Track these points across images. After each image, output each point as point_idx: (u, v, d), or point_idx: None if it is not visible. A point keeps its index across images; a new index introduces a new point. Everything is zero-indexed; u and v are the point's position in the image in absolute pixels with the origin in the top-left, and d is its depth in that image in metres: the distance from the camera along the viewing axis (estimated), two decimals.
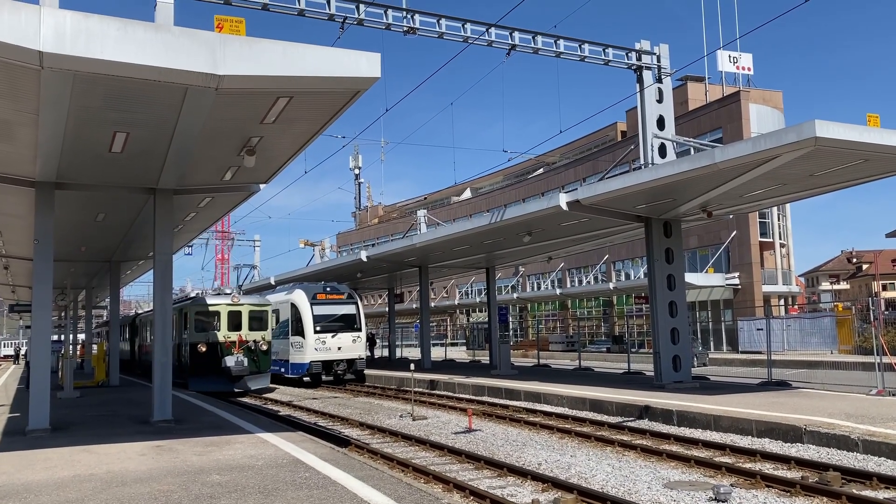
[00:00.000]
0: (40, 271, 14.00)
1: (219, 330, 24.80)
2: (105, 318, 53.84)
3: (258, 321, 25.73)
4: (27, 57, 8.17)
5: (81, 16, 8.34)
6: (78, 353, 40.04)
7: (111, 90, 9.44)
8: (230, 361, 24.10)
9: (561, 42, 19.88)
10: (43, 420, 13.45)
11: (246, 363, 24.24)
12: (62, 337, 44.88)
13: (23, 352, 59.31)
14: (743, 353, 38.98)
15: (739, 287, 43.95)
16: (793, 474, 10.19)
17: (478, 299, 60.25)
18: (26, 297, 39.90)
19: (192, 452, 10.79)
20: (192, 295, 31.61)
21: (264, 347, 25.36)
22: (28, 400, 13.85)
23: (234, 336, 24.73)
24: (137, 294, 72.59)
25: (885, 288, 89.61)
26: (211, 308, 25.17)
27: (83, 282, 33.86)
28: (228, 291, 27.96)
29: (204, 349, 24.33)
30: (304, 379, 28.68)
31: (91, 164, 13.11)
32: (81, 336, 43.49)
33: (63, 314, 48.47)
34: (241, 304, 25.45)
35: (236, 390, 24.63)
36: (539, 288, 61.35)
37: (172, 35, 8.79)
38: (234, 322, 25.06)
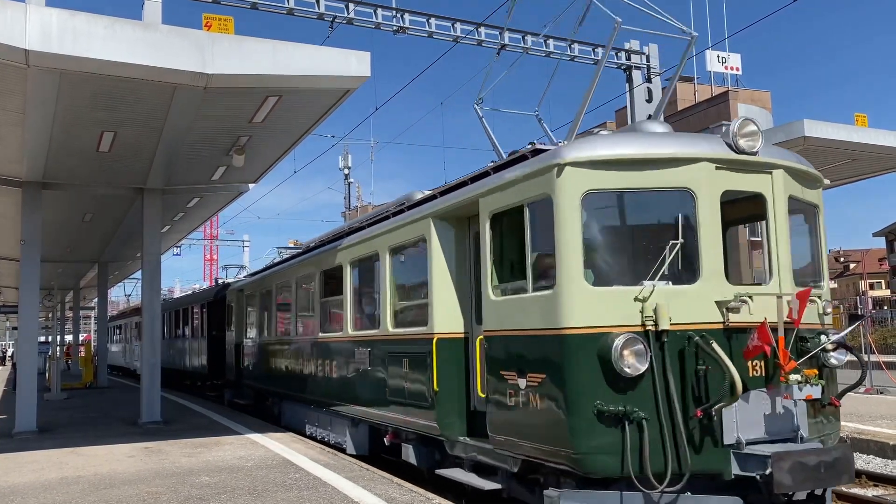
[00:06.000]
0: (27, 272, 13.89)
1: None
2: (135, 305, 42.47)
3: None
4: (13, 55, 8.09)
5: (68, 14, 8.27)
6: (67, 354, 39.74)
7: (98, 89, 9.37)
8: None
9: (551, 42, 19.91)
10: (30, 422, 13.36)
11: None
12: (49, 338, 44.57)
13: (9, 353, 58.89)
14: None
15: None
16: None
17: None
18: (13, 299, 39.60)
19: (180, 454, 10.72)
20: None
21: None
22: (15, 402, 13.74)
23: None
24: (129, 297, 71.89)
25: (872, 287, 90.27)
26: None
27: (71, 282, 33.61)
28: (658, 128, 7.01)
29: None
30: None
31: (78, 163, 13.00)
32: (69, 337, 43.20)
33: (50, 315, 48.14)
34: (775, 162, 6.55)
35: None
36: None
37: (160, 33, 8.73)
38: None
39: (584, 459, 5.91)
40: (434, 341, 8.06)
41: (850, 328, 12.87)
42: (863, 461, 10.76)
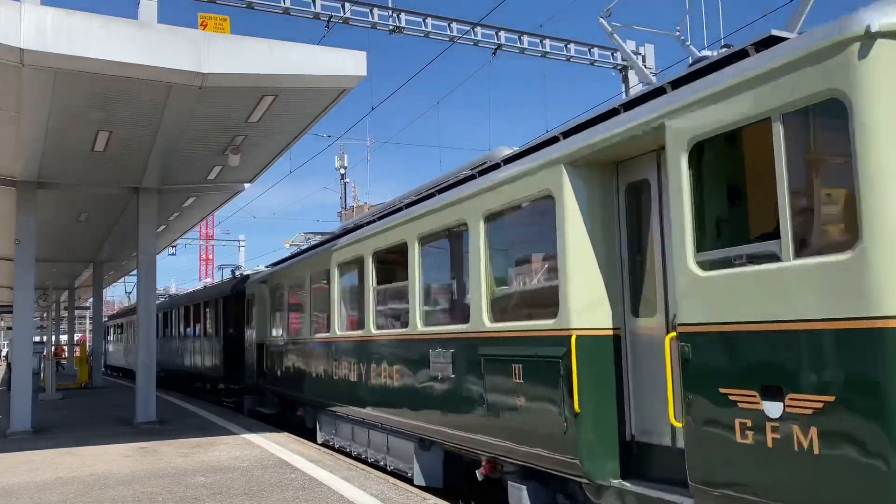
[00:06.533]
0: (22, 272, 13.85)
1: None
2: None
3: None
4: (7, 54, 8.07)
5: (63, 13, 8.26)
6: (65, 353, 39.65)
7: (94, 88, 9.34)
8: None
9: (547, 42, 19.92)
10: (25, 422, 13.33)
11: None
12: (44, 338, 44.48)
13: (4, 353, 58.75)
14: None
15: None
16: None
17: None
18: (7, 298, 39.49)
19: (176, 454, 10.70)
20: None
21: None
22: (9, 402, 13.70)
23: None
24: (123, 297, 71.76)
25: None
26: None
27: (66, 282, 33.53)
28: None
29: None
30: None
31: (74, 163, 12.97)
32: (63, 337, 43.13)
33: (45, 315, 48.05)
34: None
35: None
36: None
37: (156, 33, 8.72)
38: None
39: None
40: (572, 341, 5.63)
41: None
42: None
